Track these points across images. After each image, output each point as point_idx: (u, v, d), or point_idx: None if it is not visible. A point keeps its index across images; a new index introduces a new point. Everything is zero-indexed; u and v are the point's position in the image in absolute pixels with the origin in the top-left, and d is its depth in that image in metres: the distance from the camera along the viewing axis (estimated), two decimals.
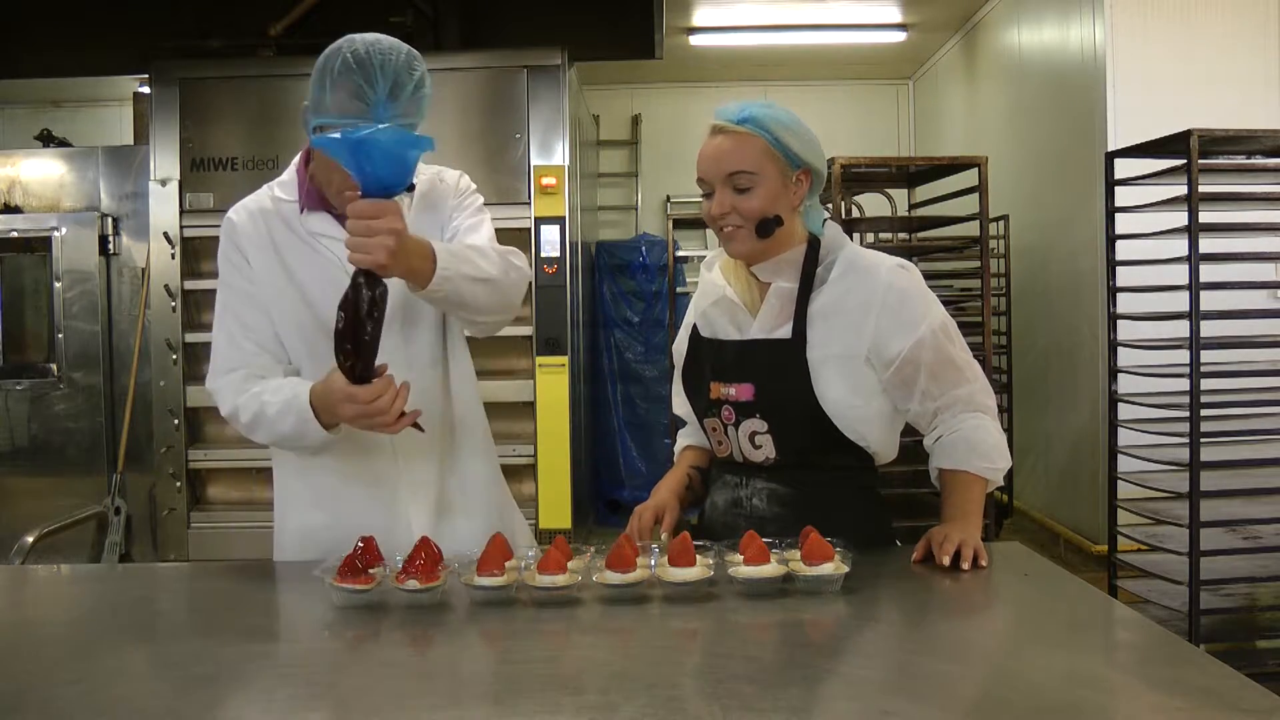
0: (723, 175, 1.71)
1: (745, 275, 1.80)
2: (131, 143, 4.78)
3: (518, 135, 4.22)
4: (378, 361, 1.61)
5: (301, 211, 1.82)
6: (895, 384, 1.73)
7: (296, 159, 1.88)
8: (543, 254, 4.20)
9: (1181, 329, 3.22)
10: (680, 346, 1.92)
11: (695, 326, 1.87)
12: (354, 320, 1.56)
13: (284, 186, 1.85)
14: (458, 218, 1.88)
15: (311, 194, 1.81)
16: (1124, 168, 3.57)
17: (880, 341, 1.71)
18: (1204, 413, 3.20)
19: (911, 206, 5.16)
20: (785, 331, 1.73)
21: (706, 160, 1.73)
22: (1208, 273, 3.18)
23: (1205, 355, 3.21)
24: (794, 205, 1.75)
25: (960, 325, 1.82)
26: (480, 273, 1.71)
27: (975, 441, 1.73)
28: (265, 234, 1.82)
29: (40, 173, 4.53)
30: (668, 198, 7.97)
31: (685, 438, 2.00)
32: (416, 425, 1.67)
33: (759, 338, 1.75)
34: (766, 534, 1.61)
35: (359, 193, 1.54)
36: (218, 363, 1.82)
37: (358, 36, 1.68)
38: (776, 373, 1.72)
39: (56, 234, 4.43)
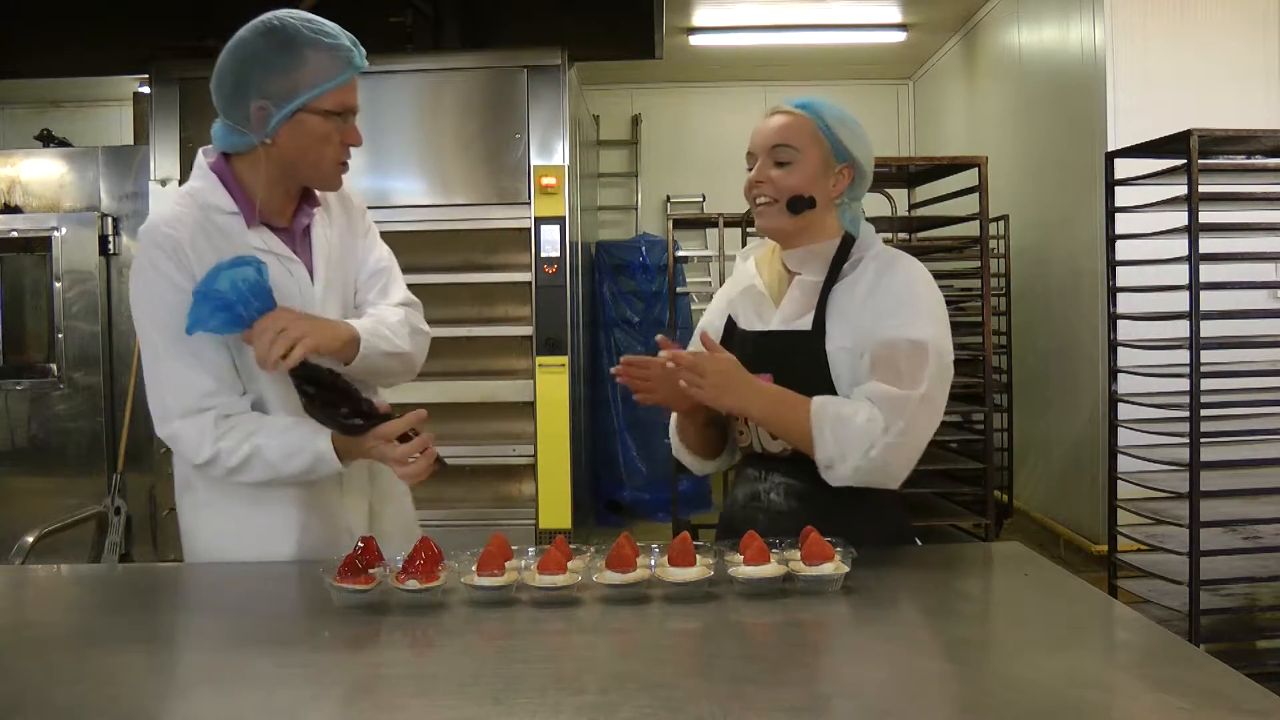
0: (767, 147, 1.75)
1: (778, 268, 1.82)
2: (131, 143, 4.78)
3: (518, 135, 4.22)
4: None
5: (250, 225, 1.75)
6: (864, 366, 1.69)
7: (202, 162, 1.78)
8: (543, 254, 4.20)
9: (1181, 329, 3.22)
10: (712, 326, 1.89)
11: (730, 316, 1.87)
12: (325, 403, 1.67)
13: (206, 194, 1.74)
14: (369, 244, 1.95)
15: (247, 206, 1.74)
16: (1124, 168, 3.57)
17: (878, 324, 1.69)
18: (1204, 413, 3.20)
19: (911, 206, 5.16)
20: (806, 323, 1.74)
21: (757, 134, 1.78)
22: (1208, 273, 3.18)
23: (1205, 355, 3.20)
24: (832, 196, 1.76)
25: (960, 325, 1.82)
26: (394, 348, 1.83)
27: (846, 415, 1.63)
28: (212, 251, 1.70)
29: (40, 173, 4.53)
30: (668, 198, 7.97)
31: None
32: (440, 462, 1.72)
33: (780, 328, 1.77)
34: (784, 529, 1.62)
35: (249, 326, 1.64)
36: (170, 405, 1.71)
37: (276, 13, 1.70)
38: (795, 363, 1.73)
39: (56, 234, 4.43)
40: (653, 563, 1.53)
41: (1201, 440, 3.19)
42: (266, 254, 1.75)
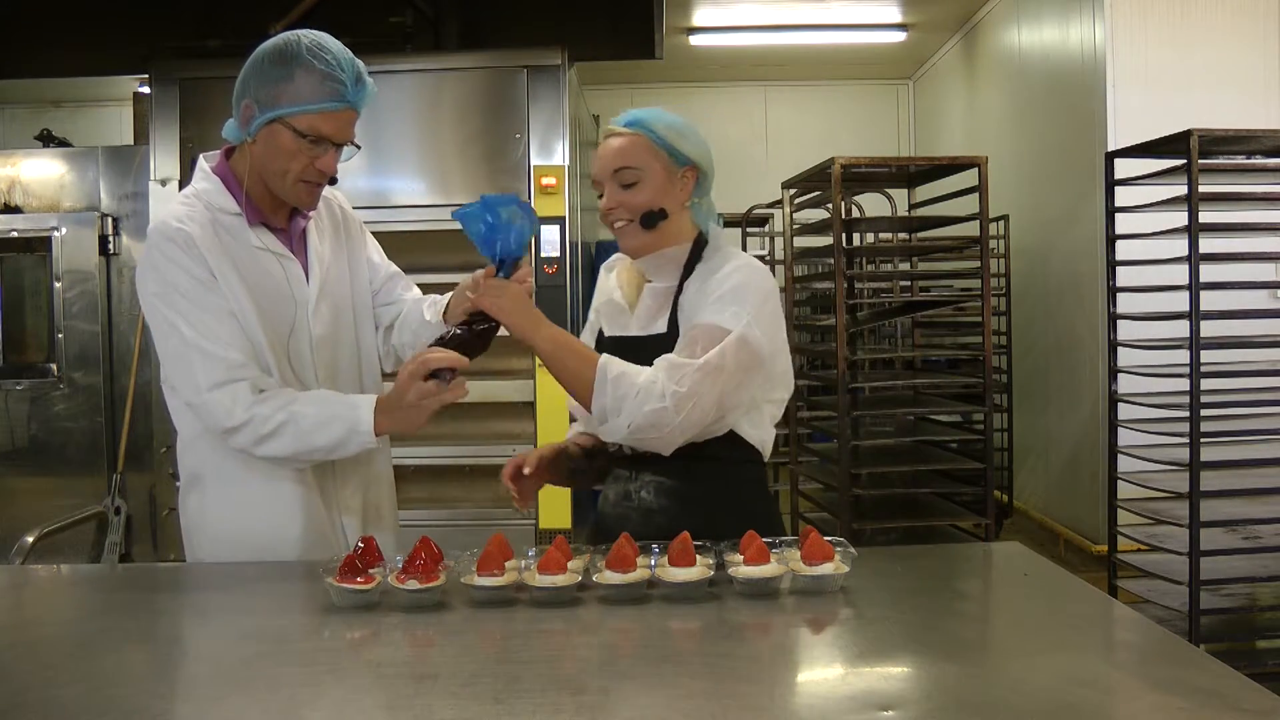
0: (609, 172, 1.80)
1: (636, 278, 1.88)
2: (131, 143, 4.77)
3: (518, 135, 4.22)
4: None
5: (251, 224, 1.81)
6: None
7: (204, 166, 1.85)
8: (543, 254, 4.19)
9: (1181, 329, 3.22)
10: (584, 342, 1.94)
11: (600, 329, 1.93)
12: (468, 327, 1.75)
13: (212, 195, 1.80)
14: (371, 251, 2.04)
15: (250, 206, 1.81)
16: (1124, 168, 3.57)
17: (696, 314, 1.74)
18: (1204, 413, 3.20)
19: (911, 206, 5.16)
20: (661, 325, 1.80)
21: (598, 161, 1.82)
22: (1208, 273, 3.18)
23: (1205, 355, 3.21)
24: (681, 201, 1.82)
25: (960, 325, 1.83)
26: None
27: (629, 374, 1.68)
28: (221, 248, 1.77)
29: (40, 173, 4.53)
30: None
31: (576, 429, 2.01)
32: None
33: (637, 334, 1.83)
34: (655, 525, 1.69)
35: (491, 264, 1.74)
36: (200, 379, 1.72)
37: (299, 31, 1.75)
38: (651, 364, 1.74)
39: (56, 234, 4.43)
40: (653, 563, 1.53)
41: (1201, 440, 3.19)
42: (265, 252, 1.81)
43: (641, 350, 1.77)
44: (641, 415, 1.65)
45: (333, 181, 1.84)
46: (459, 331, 1.75)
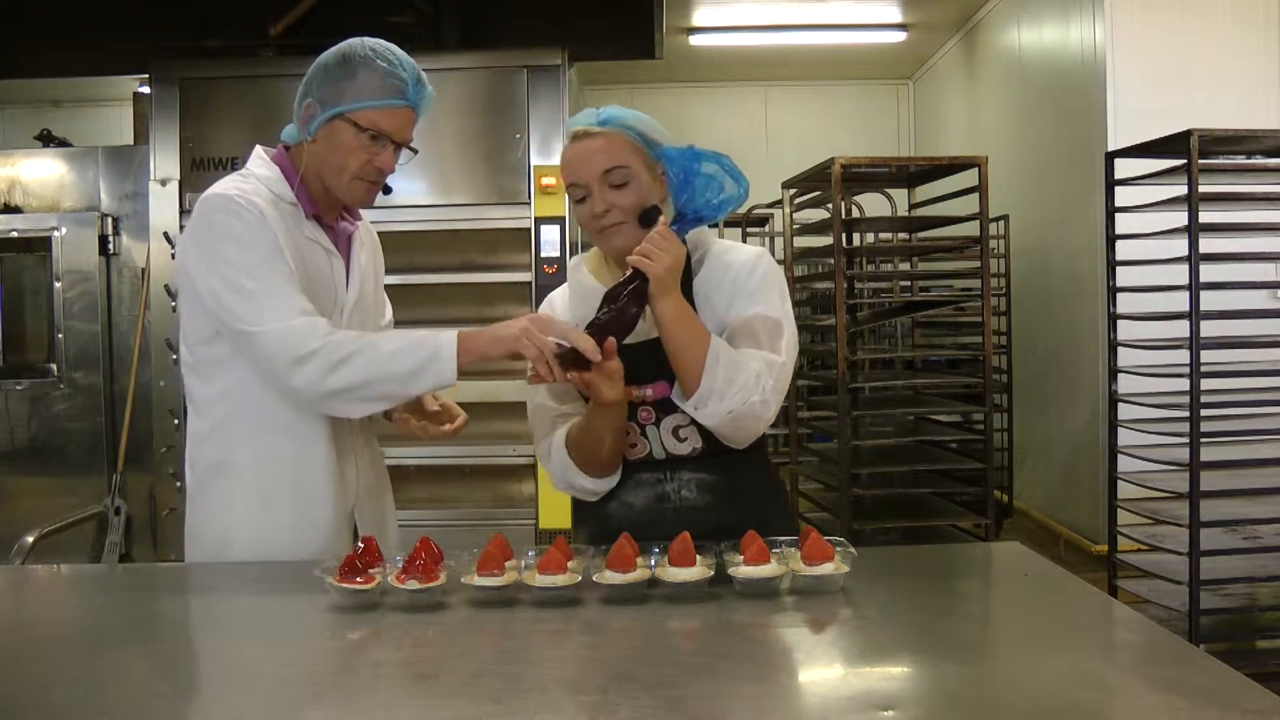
0: (597, 174, 1.72)
1: (616, 275, 1.80)
2: (131, 143, 4.77)
3: (518, 135, 4.22)
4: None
5: (307, 216, 1.86)
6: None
7: (264, 155, 1.89)
8: (543, 254, 4.19)
9: (1181, 329, 3.22)
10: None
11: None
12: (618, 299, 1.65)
13: (271, 183, 1.84)
14: (384, 295, 2.10)
15: (305, 198, 1.86)
16: (1124, 168, 3.57)
17: (732, 306, 1.74)
18: (1204, 413, 3.20)
19: (911, 206, 5.16)
20: None
21: (577, 163, 1.74)
22: (1208, 273, 3.18)
23: (1205, 355, 3.21)
24: (662, 197, 1.78)
25: (960, 325, 1.84)
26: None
27: (740, 360, 1.66)
28: (284, 228, 1.81)
29: (40, 173, 4.53)
30: None
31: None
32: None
33: (651, 338, 1.73)
34: (696, 523, 1.66)
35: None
36: (270, 313, 1.70)
37: (363, 37, 1.80)
38: None
39: (56, 234, 4.43)
40: (653, 563, 1.53)
41: (1201, 440, 3.19)
42: (315, 246, 1.85)
43: (661, 353, 1.73)
44: (746, 405, 1.65)
45: (387, 190, 1.88)
46: (607, 311, 1.65)
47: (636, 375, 1.73)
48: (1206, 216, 3.21)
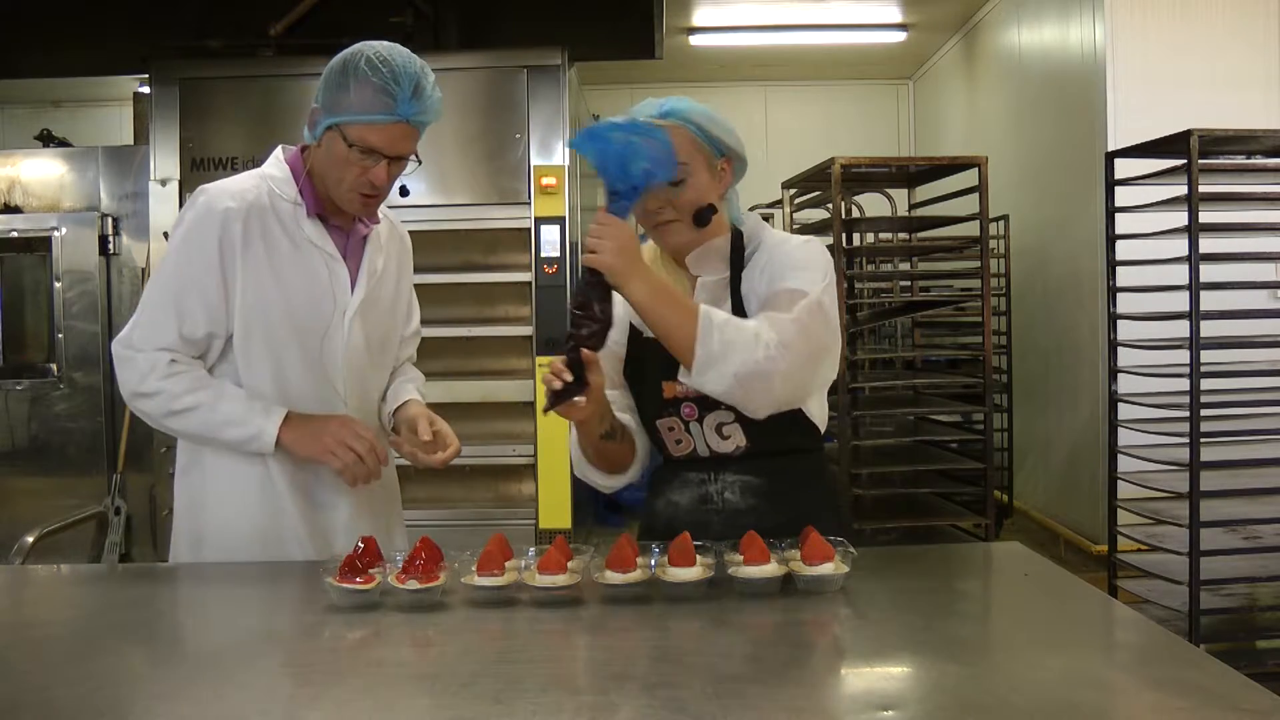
0: None
1: (672, 270, 1.79)
2: (131, 143, 4.77)
3: (518, 135, 4.22)
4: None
5: (309, 215, 1.86)
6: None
7: (281, 154, 1.91)
8: (543, 254, 4.19)
9: (1181, 329, 3.22)
10: (611, 339, 1.71)
11: (633, 327, 1.80)
12: (582, 308, 1.56)
13: (277, 182, 1.86)
14: (414, 304, 2.12)
15: (311, 198, 1.86)
16: (1124, 168, 3.57)
17: (769, 286, 1.69)
18: (1204, 413, 3.20)
19: (911, 206, 5.16)
20: None
21: None
22: (1208, 273, 3.18)
23: (1205, 355, 3.20)
24: (720, 194, 1.75)
25: (960, 325, 1.83)
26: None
27: (737, 322, 1.60)
28: (259, 231, 1.82)
29: (40, 173, 4.53)
30: None
31: None
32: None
33: None
34: (740, 526, 1.62)
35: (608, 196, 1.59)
36: (138, 335, 1.81)
37: (373, 42, 1.78)
38: None
39: (56, 234, 4.43)
40: (653, 563, 1.53)
41: (1201, 440, 3.19)
42: (314, 248, 1.86)
43: None
44: (751, 363, 1.55)
45: (404, 192, 1.89)
46: (571, 334, 1.56)
47: (667, 369, 1.69)
48: (1206, 216, 3.20)
